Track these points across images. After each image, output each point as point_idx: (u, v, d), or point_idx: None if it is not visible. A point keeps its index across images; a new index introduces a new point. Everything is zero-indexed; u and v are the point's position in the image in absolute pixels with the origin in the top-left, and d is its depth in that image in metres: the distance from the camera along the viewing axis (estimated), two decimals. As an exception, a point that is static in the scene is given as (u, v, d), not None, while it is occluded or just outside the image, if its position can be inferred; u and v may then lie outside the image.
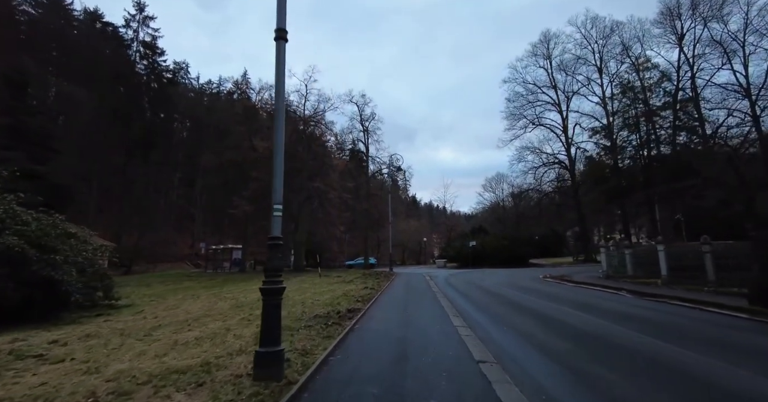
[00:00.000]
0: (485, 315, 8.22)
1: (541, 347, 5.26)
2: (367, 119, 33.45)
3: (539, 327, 6.74)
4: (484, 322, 7.29)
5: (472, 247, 37.63)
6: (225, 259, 38.17)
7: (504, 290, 13.76)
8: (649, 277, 15.48)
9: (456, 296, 11.79)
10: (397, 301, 10.31)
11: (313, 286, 15.80)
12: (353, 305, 8.64)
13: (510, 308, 9.20)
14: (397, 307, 9.28)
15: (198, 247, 43.65)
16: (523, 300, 10.79)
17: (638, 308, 8.96)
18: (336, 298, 10.22)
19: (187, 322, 7.90)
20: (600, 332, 6.21)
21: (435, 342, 5.61)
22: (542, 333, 6.24)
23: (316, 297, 10.77)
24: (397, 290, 13.81)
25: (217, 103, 67.59)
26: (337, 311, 7.73)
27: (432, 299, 10.79)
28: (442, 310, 8.62)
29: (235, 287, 17.82)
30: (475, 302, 10.43)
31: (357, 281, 17.46)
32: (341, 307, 8.39)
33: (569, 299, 10.86)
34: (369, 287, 13.50)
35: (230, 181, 34.99)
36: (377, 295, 11.57)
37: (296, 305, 9.15)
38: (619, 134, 23.02)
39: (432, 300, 10.54)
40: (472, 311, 8.76)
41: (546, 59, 37.57)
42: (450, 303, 9.99)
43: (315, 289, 13.63)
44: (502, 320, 7.53)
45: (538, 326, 6.81)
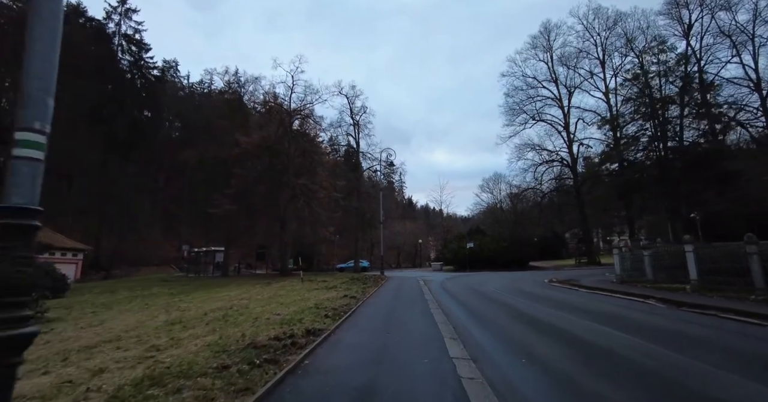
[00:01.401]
0: (492, 336, 6.20)
1: None
2: (357, 112, 31.48)
3: (575, 359, 4.73)
4: (493, 350, 5.27)
5: (469, 249, 35.63)
6: (208, 262, 35.98)
7: (508, 298, 11.75)
8: (673, 281, 13.55)
9: (453, 306, 9.77)
10: (379, 316, 8.27)
11: (288, 293, 13.72)
12: (318, 323, 6.56)
13: (523, 324, 7.18)
14: (377, 324, 7.24)
15: (182, 250, 41.31)
16: (536, 311, 8.78)
17: (689, 325, 6.98)
18: (302, 311, 8.15)
19: (61, 356, 5.70)
20: (676, 373, 4.15)
21: (420, 396, 3.57)
22: (584, 370, 4.23)
23: (278, 310, 8.69)
24: (382, 299, 11.76)
25: (208, 102, 65.45)
26: (290, 334, 5.64)
27: (423, 311, 8.76)
28: (435, 329, 6.59)
29: (201, 295, 15.71)
30: (477, 315, 8.41)
31: (341, 287, 15.40)
32: (301, 326, 6.31)
33: (591, 310, 8.86)
34: (350, 295, 11.43)
35: (213, 179, 32.84)
36: (357, 305, 9.53)
37: (242, 324, 7.06)
38: (630, 125, 21.23)
39: (423, 312, 8.52)
40: (474, 329, 6.73)
41: (546, 52, 35.90)
42: (445, 317, 7.96)
43: (286, 298, 11.55)
44: (517, 345, 5.52)
45: (574, 357, 4.80)
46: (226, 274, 31.64)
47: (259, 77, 29.60)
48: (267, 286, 18.88)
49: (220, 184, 30.90)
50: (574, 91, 36.13)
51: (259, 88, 30.12)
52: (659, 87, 19.30)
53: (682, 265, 13.13)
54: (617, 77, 32.47)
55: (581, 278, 18.94)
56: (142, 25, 49.44)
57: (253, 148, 28.73)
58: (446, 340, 5.73)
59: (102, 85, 46.47)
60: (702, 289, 11.73)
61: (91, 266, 41.62)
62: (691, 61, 25.10)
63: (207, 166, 35.61)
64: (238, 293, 14.78)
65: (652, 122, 19.40)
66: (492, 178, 65.38)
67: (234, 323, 7.08)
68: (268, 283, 21.39)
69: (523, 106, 37.00)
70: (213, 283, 24.02)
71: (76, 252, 32.46)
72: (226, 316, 8.14)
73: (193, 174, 48.57)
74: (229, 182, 29.74)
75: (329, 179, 32.36)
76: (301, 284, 18.69)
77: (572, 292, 14.14)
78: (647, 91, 19.54)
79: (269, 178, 26.87)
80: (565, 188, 39.49)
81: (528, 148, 37.40)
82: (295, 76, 28.97)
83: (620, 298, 11.54)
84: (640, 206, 23.53)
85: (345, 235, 41.65)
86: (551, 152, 36.91)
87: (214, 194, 29.02)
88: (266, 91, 28.51)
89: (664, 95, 18.81)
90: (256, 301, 11.35)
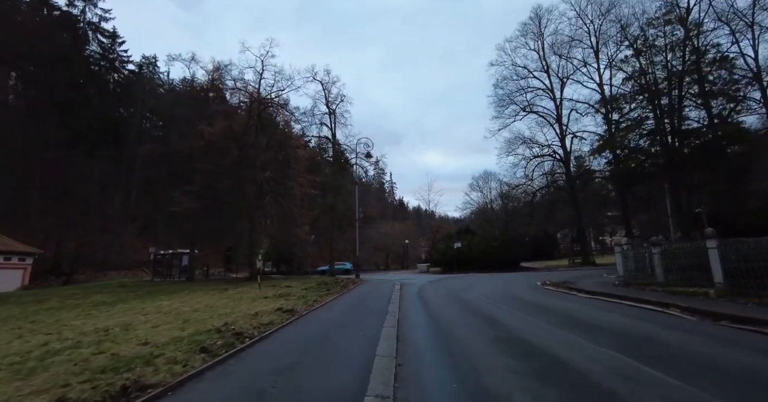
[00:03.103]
0: (460, 391, 3.80)
1: None
2: (334, 100, 28.92)
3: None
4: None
5: (457, 249, 33.39)
6: (176, 264, 33.17)
7: (495, 308, 9.43)
8: (690, 284, 11.38)
9: (419, 325, 7.39)
10: (300, 345, 5.49)
11: (227, 303, 11.26)
12: (161, 374, 3.94)
13: (514, 360, 4.79)
14: (273, 368, 4.44)
15: (149, 253, 38.28)
16: (531, 331, 6.44)
17: (760, 355, 4.69)
18: (180, 340, 5.48)
19: None
20: None
21: None
22: None
23: (155, 336, 6.08)
24: (334, 311, 9.33)
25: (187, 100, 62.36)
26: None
27: (372, 335, 6.16)
28: (362, 384, 4.10)
29: (134, 304, 13.13)
30: (447, 339, 6.02)
31: (297, 294, 12.98)
32: (119, 378, 3.75)
33: (605, 328, 6.56)
34: (287, 309, 8.83)
35: (180, 175, 30.06)
36: (282, 324, 7.09)
37: (57, 365, 4.52)
38: (631, 106, 19.05)
39: (371, 337, 5.94)
40: (434, 373, 4.32)
41: (538, 40, 33.92)
42: (394, 348, 5.54)
43: (205, 313, 9.07)
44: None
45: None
46: (192, 278, 28.87)
47: (229, 64, 26.96)
48: (219, 293, 16.36)
49: (185, 180, 28.21)
50: (567, 82, 34.29)
51: (227, 75, 27.48)
52: (665, 63, 17.23)
53: (701, 265, 10.97)
54: (612, 68, 30.69)
55: (578, 280, 16.76)
56: (109, 13, 46.41)
57: (219, 140, 26.09)
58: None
59: (66, 76, 43.28)
60: (730, 293, 9.56)
61: (50, 271, 38.42)
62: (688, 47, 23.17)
63: (174, 161, 32.81)
64: (170, 304, 12.24)
65: (657, 103, 17.30)
66: (482, 175, 63.32)
67: (51, 364, 4.60)
68: (225, 289, 18.86)
69: (513, 98, 35.04)
70: (168, 289, 21.38)
71: (24, 256, 29.39)
72: (75, 346, 5.69)
73: (164, 171, 45.61)
74: (194, 178, 27.08)
75: (306, 175, 29.81)
76: (255, 290, 16.21)
77: (571, 298, 11.88)
78: (651, 69, 17.49)
79: (235, 172, 24.27)
80: (558, 184, 37.51)
81: (518, 141, 35.39)
82: (266, 61, 26.45)
83: (632, 306, 9.28)
84: (644, 199, 21.39)
85: (320, 235, 39.03)
86: (543, 146, 34.95)
87: (176, 191, 26.34)
88: (233, 77, 25.96)
89: (672, 70, 16.69)
90: (166, 315, 8.85)
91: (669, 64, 16.87)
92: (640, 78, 17.68)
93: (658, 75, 17.20)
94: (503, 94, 35.58)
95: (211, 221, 26.67)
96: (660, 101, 17.18)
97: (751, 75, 26.98)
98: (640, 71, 17.71)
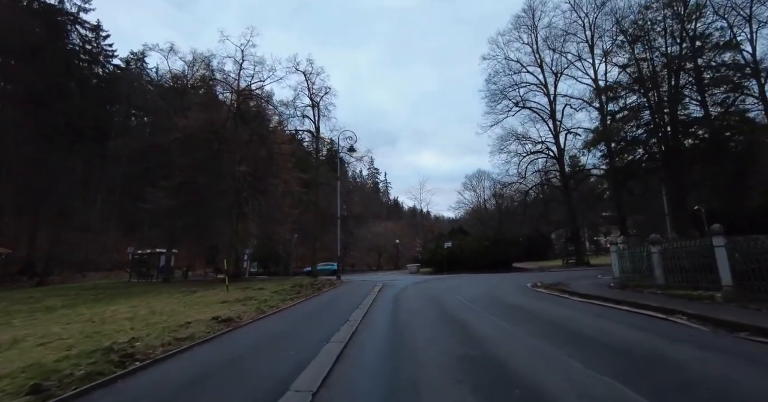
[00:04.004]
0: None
1: None
2: (317, 92, 27.58)
3: None
4: None
5: (448, 249, 32.26)
6: (155, 265, 31.71)
7: (475, 315, 8.26)
8: (693, 287, 10.29)
9: (378, 336, 6.18)
10: (191, 373, 4.30)
11: (170, 306, 9.98)
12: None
13: (478, 397, 3.59)
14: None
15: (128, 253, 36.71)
16: (512, 348, 5.26)
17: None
18: (25, 369, 4.18)
19: None
20: None
21: None
22: None
23: (16, 359, 4.75)
24: (283, 320, 8.06)
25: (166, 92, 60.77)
26: None
27: (305, 356, 4.76)
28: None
29: (92, 309, 11.84)
30: (403, 359, 4.80)
31: (262, 297, 11.73)
32: None
33: (601, 341, 5.40)
34: (235, 316, 7.64)
35: (154, 171, 28.71)
36: (210, 336, 5.85)
37: None
38: (627, 95, 17.94)
39: (301, 360, 4.53)
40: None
41: (531, 33, 32.86)
42: (323, 375, 4.31)
43: (140, 322, 7.77)
44: None
45: None
46: (169, 279, 27.47)
47: (210, 55, 25.59)
48: (183, 297, 15.09)
49: (166, 176, 26.82)
50: (561, 77, 33.29)
51: (206, 66, 26.10)
52: (664, 49, 16.12)
53: (706, 265, 9.90)
54: (607, 61, 29.67)
55: (571, 282, 15.66)
56: (88, 4, 44.73)
57: (197, 133, 24.75)
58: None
59: (43, 70, 41.60)
60: (740, 298, 8.46)
61: (22, 272, 36.73)
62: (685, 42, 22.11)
63: (157, 156, 31.43)
64: (117, 309, 10.97)
65: (656, 91, 16.22)
66: (475, 174, 62.28)
67: None
68: (194, 291, 17.57)
69: (506, 93, 33.95)
70: (136, 291, 20.04)
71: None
72: None
73: (149, 167, 44.01)
74: (170, 174, 25.75)
75: (291, 171, 28.50)
76: (226, 293, 14.95)
77: (563, 301, 10.74)
78: (648, 54, 16.39)
79: (212, 167, 22.95)
80: (552, 182, 36.51)
81: (511, 137, 34.30)
82: (246, 51, 25.10)
83: (630, 312, 8.13)
84: (639, 197, 20.29)
85: (302, 234, 37.49)
86: (536, 142, 33.90)
87: (149, 188, 25.01)
88: (210, 67, 24.60)
89: (672, 55, 15.55)
90: (91, 325, 7.58)
91: (668, 50, 15.84)
92: (638, 64, 16.61)
93: (657, 62, 16.20)
94: (496, 89, 34.56)
95: (188, 219, 25.32)
96: (658, 90, 16.13)
97: (749, 70, 26.15)
98: (637, 59, 16.61)
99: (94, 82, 55.46)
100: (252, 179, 23.28)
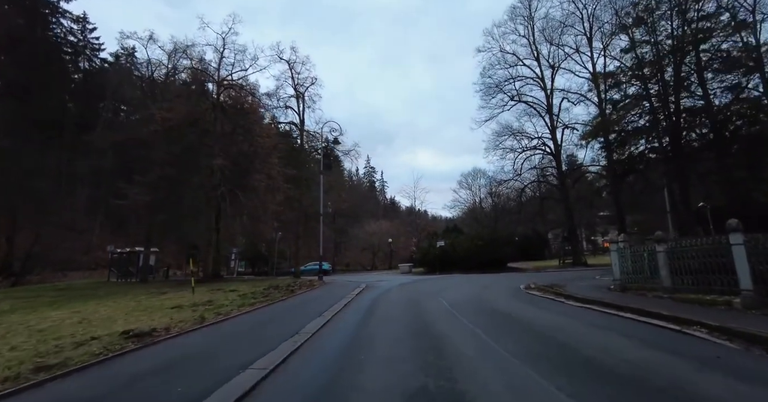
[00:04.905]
0: None
1: None
2: (302, 83, 26.20)
3: None
4: None
5: (440, 248, 31.07)
6: (134, 264, 30.36)
7: (454, 326, 7.06)
8: (705, 290, 9.12)
9: (324, 356, 4.95)
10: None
11: (118, 312, 8.73)
12: None
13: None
14: None
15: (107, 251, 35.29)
16: (486, 379, 4.05)
17: None
18: None
19: None
20: None
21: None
22: None
23: None
24: (216, 333, 6.66)
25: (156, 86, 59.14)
26: None
27: (203, 389, 3.68)
28: None
29: (33, 314, 10.52)
30: (337, 395, 3.58)
31: (223, 301, 10.49)
32: None
33: (604, 366, 4.19)
34: (154, 328, 6.31)
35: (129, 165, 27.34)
36: (88, 362, 4.57)
37: None
38: (630, 82, 16.67)
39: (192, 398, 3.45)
40: None
41: (527, 24, 31.63)
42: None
43: (73, 329, 6.47)
44: None
45: None
46: (146, 279, 26.14)
47: (192, 45, 24.16)
48: (147, 299, 13.84)
49: (140, 171, 25.46)
50: (558, 70, 32.10)
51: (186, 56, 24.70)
52: (671, 31, 14.79)
53: (720, 266, 8.72)
54: (606, 56, 28.51)
55: (567, 283, 14.50)
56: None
57: (175, 125, 23.37)
58: None
59: (23, 61, 40.03)
60: (763, 304, 7.29)
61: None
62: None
63: (131, 150, 30.02)
64: (59, 314, 9.68)
65: (661, 76, 14.98)
66: (470, 172, 61.08)
67: None
68: (164, 292, 16.30)
69: (501, 87, 32.72)
70: (104, 293, 18.69)
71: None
72: None
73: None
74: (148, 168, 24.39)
75: (276, 166, 27.12)
76: (192, 295, 13.68)
77: (558, 306, 9.55)
78: (653, 37, 15.14)
79: (187, 161, 21.62)
80: (548, 180, 35.34)
81: (507, 133, 33.06)
82: (228, 39, 23.77)
83: (637, 321, 6.92)
84: (638, 194, 19.10)
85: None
86: (532, 138, 32.69)
87: (124, 183, 23.66)
88: (189, 55, 23.23)
89: (679, 37, 14.27)
90: None
91: (673, 32, 14.58)
92: (635, 52, 15.34)
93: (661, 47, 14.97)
94: (491, 82, 33.29)
95: (164, 216, 23.99)
96: (662, 75, 14.92)
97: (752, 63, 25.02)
98: (639, 42, 15.36)
99: (79, 75, 53.98)
100: (232, 174, 21.96)
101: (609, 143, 19.29)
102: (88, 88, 53.42)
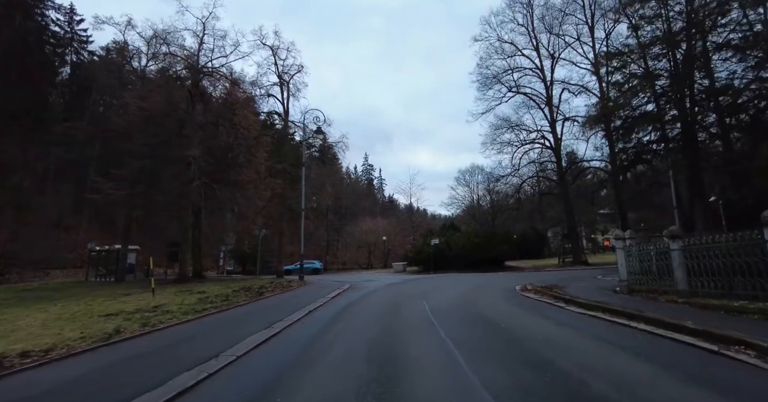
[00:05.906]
0: None
1: None
2: (287, 70, 24.64)
3: None
4: None
5: (435, 246, 29.75)
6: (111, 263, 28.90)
7: (429, 340, 5.74)
8: (728, 295, 7.79)
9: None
10: None
11: (51, 318, 7.38)
12: None
13: None
14: None
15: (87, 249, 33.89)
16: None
17: None
18: None
19: None
20: None
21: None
22: None
23: None
24: (107, 357, 5.37)
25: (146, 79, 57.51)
26: None
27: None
28: None
29: None
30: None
31: (171, 306, 9.13)
32: None
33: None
34: (62, 339, 5.02)
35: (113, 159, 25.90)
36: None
37: None
38: (637, 62, 15.20)
39: None
40: None
41: (526, 11, 30.13)
42: None
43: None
44: None
45: None
46: (122, 278, 24.79)
47: (172, 32, 22.59)
48: (105, 301, 12.51)
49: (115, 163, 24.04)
50: (558, 60, 30.67)
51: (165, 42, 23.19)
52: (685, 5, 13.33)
53: (749, 267, 7.37)
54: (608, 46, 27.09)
55: (568, 284, 13.20)
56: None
57: (151, 115, 21.95)
58: None
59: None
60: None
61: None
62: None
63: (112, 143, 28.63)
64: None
65: (673, 55, 13.51)
66: (468, 169, 59.65)
67: None
68: (128, 294, 14.94)
69: (499, 78, 31.28)
70: (71, 293, 17.32)
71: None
72: None
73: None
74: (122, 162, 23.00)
75: (263, 160, 25.68)
76: (152, 297, 12.34)
77: (556, 313, 8.18)
78: (664, 11, 13.72)
79: (162, 153, 20.22)
80: (547, 175, 33.98)
81: (505, 126, 31.63)
82: (208, 24, 22.30)
83: (655, 335, 5.54)
84: (649, 185, 17.69)
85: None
86: (531, 131, 31.27)
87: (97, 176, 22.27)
88: (166, 41, 21.70)
89: (692, 8, 12.80)
90: None
91: (687, 6, 13.17)
92: (652, 22, 13.89)
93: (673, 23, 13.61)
94: (488, 73, 31.82)
95: (141, 211, 22.62)
96: (675, 52, 13.50)
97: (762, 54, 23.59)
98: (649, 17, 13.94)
99: (66, 69, 52.41)
100: (210, 167, 20.57)
101: (613, 130, 17.87)
102: (76, 82, 51.90)
